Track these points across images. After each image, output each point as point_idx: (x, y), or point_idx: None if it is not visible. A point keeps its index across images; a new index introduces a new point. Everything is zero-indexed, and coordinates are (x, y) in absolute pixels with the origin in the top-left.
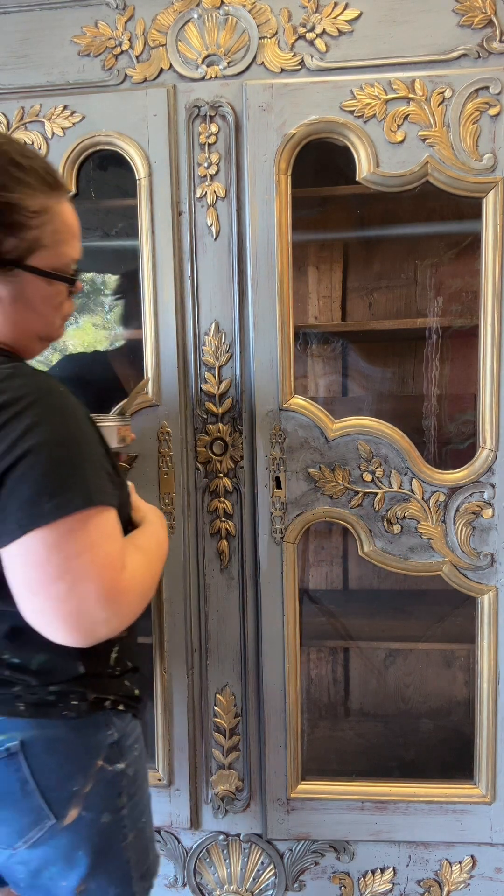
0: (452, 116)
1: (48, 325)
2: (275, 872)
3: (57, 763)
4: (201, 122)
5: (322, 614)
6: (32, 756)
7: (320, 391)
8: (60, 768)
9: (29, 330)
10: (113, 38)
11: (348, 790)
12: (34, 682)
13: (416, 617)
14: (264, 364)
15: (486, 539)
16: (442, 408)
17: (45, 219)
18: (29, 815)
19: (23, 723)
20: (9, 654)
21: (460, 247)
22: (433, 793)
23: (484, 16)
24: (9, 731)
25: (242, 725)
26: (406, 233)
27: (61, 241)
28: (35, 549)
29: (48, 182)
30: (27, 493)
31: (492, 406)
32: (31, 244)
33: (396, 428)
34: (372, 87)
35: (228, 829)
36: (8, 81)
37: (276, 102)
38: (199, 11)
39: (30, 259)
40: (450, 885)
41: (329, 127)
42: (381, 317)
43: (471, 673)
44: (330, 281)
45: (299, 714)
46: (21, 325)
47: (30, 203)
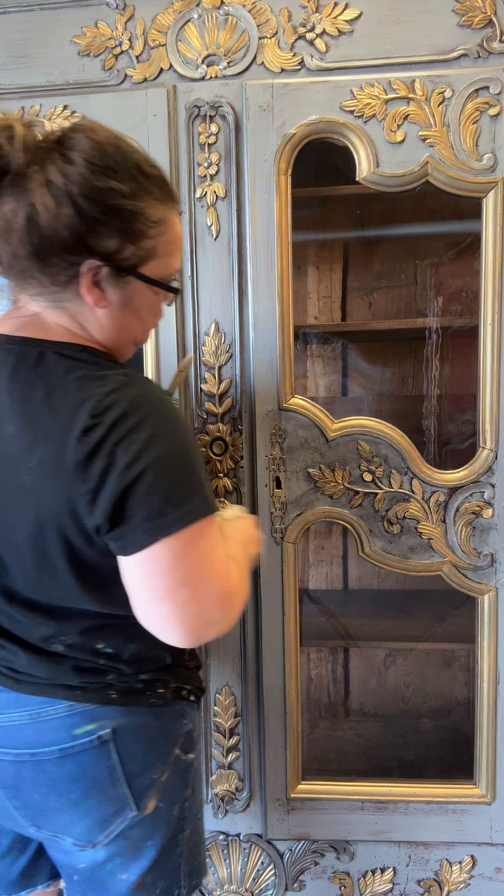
0: (452, 116)
1: (145, 332)
2: (275, 872)
3: (142, 750)
4: (201, 122)
5: (322, 614)
6: (121, 743)
7: (320, 391)
8: (144, 756)
9: (129, 335)
10: (113, 38)
11: (348, 790)
12: (128, 670)
13: (416, 617)
14: (264, 364)
15: (486, 539)
16: (442, 408)
17: (162, 229)
18: (114, 804)
19: (113, 710)
20: (102, 644)
21: (460, 247)
22: (433, 793)
23: (484, 16)
24: (101, 719)
25: (242, 725)
26: (406, 233)
27: (170, 252)
28: (163, 558)
29: (167, 193)
30: (154, 504)
31: (492, 406)
32: (148, 253)
33: (396, 428)
34: (372, 87)
35: (228, 829)
36: (8, 81)
37: (276, 102)
38: (199, 11)
39: (143, 267)
40: (450, 885)
41: (329, 127)
42: (381, 317)
43: (471, 673)
44: (330, 281)
45: (299, 714)
46: (124, 330)
47: (151, 213)
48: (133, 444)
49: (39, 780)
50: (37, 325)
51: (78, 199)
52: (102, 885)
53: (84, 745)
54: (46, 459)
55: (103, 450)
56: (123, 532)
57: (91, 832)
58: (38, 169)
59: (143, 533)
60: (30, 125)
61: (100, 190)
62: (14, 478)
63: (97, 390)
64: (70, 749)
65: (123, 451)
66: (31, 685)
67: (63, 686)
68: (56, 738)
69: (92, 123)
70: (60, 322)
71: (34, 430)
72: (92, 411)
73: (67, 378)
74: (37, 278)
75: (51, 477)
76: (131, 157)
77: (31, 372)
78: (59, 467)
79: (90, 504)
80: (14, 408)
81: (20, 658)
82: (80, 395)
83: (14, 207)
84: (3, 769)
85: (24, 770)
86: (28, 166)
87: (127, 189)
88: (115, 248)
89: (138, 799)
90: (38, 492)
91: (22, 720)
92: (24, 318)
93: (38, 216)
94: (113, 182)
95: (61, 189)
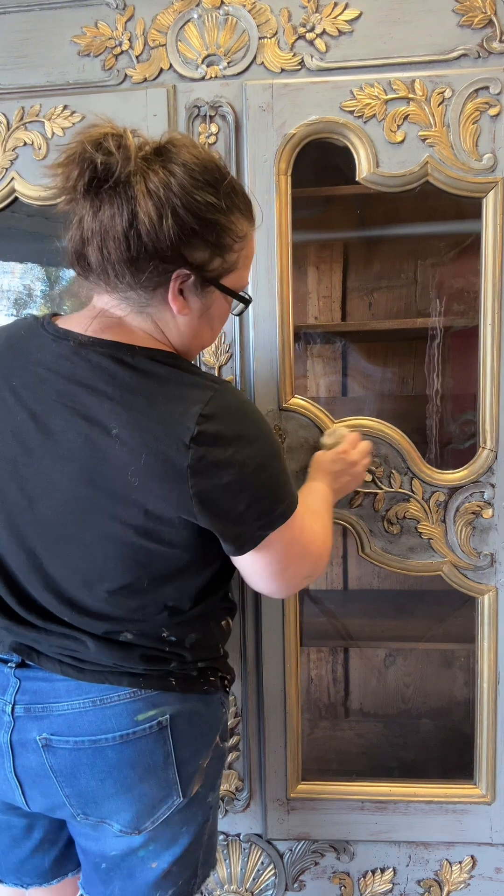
0: (452, 116)
1: (213, 337)
2: (275, 872)
3: (193, 737)
4: (201, 122)
5: (322, 614)
6: (175, 729)
7: (320, 391)
8: (195, 742)
9: (201, 341)
10: (113, 38)
11: (348, 790)
12: (189, 657)
13: (416, 617)
14: (264, 364)
15: (486, 539)
16: (442, 408)
17: (244, 244)
18: (164, 789)
19: (172, 697)
20: (167, 633)
21: (460, 247)
22: (433, 793)
23: (484, 16)
24: (162, 705)
25: (242, 725)
26: (406, 233)
27: (247, 266)
28: (276, 547)
29: (251, 209)
30: (265, 505)
31: (492, 406)
32: (230, 266)
33: (396, 428)
34: (372, 88)
35: (228, 829)
36: (8, 81)
37: (276, 102)
38: (199, 11)
39: (224, 279)
40: (450, 885)
41: (329, 127)
42: (382, 317)
43: (471, 673)
44: (330, 281)
45: (299, 714)
46: (198, 336)
47: (238, 227)
48: (240, 451)
49: (98, 766)
50: (122, 328)
51: (179, 211)
52: (130, 873)
53: (144, 731)
54: (155, 463)
55: (212, 456)
56: (239, 533)
57: (139, 818)
58: (141, 178)
59: (258, 531)
60: (134, 134)
61: (199, 203)
62: (119, 477)
63: (197, 397)
64: (131, 735)
65: (231, 458)
66: (95, 673)
67: (128, 673)
68: (118, 724)
69: (187, 139)
70: (143, 327)
71: (142, 434)
72: (198, 419)
73: (166, 385)
74: (127, 283)
75: (159, 479)
76: (226, 174)
77: (128, 377)
78: (169, 471)
79: (200, 506)
80: (117, 411)
81: (88, 646)
82: (184, 403)
83: (113, 213)
84: (62, 757)
85: (84, 757)
86: (131, 175)
87: (223, 204)
88: (204, 259)
89: (185, 785)
90: (146, 492)
91: (85, 707)
92: (108, 320)
93: (140, 224)
94: (211, 197)
95: (163, 200)
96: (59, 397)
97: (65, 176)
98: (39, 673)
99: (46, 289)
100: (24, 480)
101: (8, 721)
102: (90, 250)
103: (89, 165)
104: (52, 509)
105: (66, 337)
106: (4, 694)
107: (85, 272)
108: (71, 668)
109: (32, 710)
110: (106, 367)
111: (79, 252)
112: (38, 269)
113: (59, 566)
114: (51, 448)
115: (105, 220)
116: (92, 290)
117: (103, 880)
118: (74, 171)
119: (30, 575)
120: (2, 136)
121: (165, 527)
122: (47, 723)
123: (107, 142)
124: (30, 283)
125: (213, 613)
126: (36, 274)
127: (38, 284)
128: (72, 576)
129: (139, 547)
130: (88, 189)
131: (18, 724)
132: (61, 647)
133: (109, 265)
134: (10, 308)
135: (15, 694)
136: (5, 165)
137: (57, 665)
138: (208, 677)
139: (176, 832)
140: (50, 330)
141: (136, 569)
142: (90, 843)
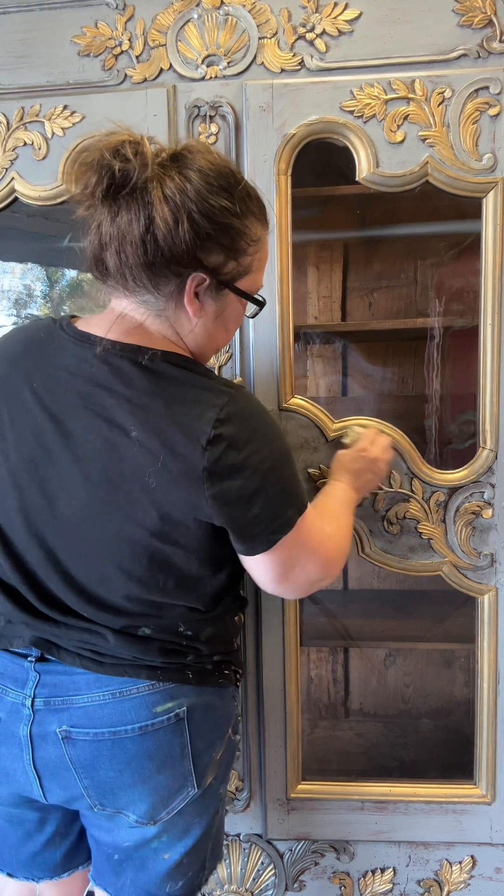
0: (452, 116)
1: (227, 340)
2: (275, 872)
3: (208, 729)
4: (201, 122)
5: (322, 614)
6: (192, 721)
7: (320, 391)
8: (210, 734)
9: (216, 343)
10: (113, 38)
11: (348, 790)
12: (205, 650)
13: (416, 617)
14: (264, 364)
15: (486, 539)
16: (442, 408)
17: (258, 247)
18: (179, 779)
19: (189, 689)
20: (184, 627)
21: (460, 247)
22: (433, 793)
23: (484, 16)
24: (179, 697)
25: (242, 725)
26: (406, 233)
27: (260, 269)
28: (285, 549)
29: (264, 214)
30: (277, 508)
31: (492, 406)
32: (244, 269)
33: (396, 428)
34: (372, 88)
35: (228, 829)
36: (8, 81)
37: (276, 102)
38: (199, 11)
39: (238, 282)
40: (450, 885)
41: (329, 127)
42: (382, 317)
43: (471, 673)
44: (330, 281)
45: (299, 714)
46: (213, 338)
47: (252, 231)
48: (254, 454)
49: (117, 757)
50: (142, 333)
51: (195, 215)
52: (142, 864)
53: (162, 723)
54: (172, 465)
55: (228, 459)
56: (252, 535)
57: (155, 809)
58: (157, 184)
59: (271, 534)
60: (151, 141)
61: (214, 208)
62: (137, 478)
63: (213, 401)
64: (150, 726)
65: (246, 461)
66: (114, 666)
67: (146, 666)
68: (137, 716)
69: (203, 145)
70: (161, 331)
71: (160, 436)
72: (214, 423)
73: (183, 388)
74: (144, 287)
75: (176, 481)
76: (241, 179)
77: (146, 380)
78: (186, 473)
79: (215, 507)
80: (136, 413)
81: (107, 640)
82: (200, 406)
83: (131, 219)
84: (81, 749)
85: (103, 749)
86: (148, 181)
87: (237, 209)
88: (219, 262)
89: (199, 776)
90: (163, 494)
91: (104, 699)
92: (127, 323)
93: (157, 229)
94: (226, 201)
95: (179, 205)
96: (80, 399)
97: (83, 183)
98: (59, 667)
99: (46, 289)
100: (44, 481)
101: (28, 714)
102: (108, 255)
103: (107, 172)
104: (72, 509)
105: (87, 340)
106: (24, 687)
107: (103, 276)
108: (91, 661)
109: (52, 702)
110: (125, 371)
111: (97, 257)
112: (38, 269)
113: (79, 565)
114: (71, 449)
115: (123, 225)
116: (110, 294)
117: (115, 871)
118: (93, 178)
119: (49, 572)
120: (2, 136)
121: (180, 529)
122: (67, 715)
123: (124, 149)
124: (30, 283)
125: (227, 609)
126: (36, 274)
127: (38, 284)
128: (90, 574)
129: (155, 549)
130: (107, 195)
131: (38, 716)
132: (81, 641)
133: (127, 269)
134: (10, 308)
135: (35, 687)
136: (5, 165)
137: (77, 659)
138: (223, 670)
139: (189, 823)
140: (70, 332)
141: (153, 569)
142: (104, 835)
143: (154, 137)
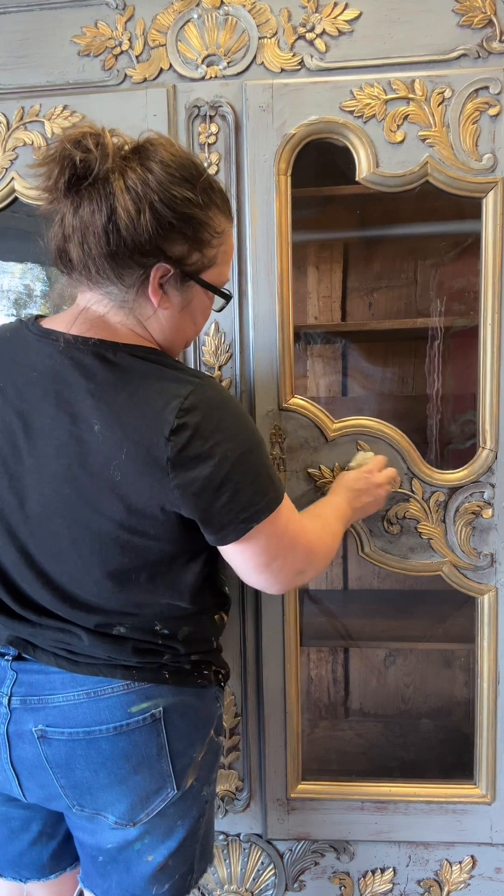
0: (452, 116)
1: (196, 332)
2: (275, 872)
3: (186, 730)
4: (201, 122)
5: (322, 614)
6: (169, 722)
7: (320, 391)
8: (189, 735)
9: (184, 335)
10: (113, 38)
11: (348, 790)
12: (182, 650)
13: (416, 617)
14: (264, 364)
15: (485, 539)
16: (442, 408)
17: (222, 239)
18: (158, 780)
19: (166, 689)
20: (160, 626)
21: (460, 247)
22: (433, 793)
23: (484, 16)
24: (155, 697)
25: (242, 725)
26: (406, 233)
27: (226, 262)
28: (260, 540)
29: (228, 206)
30: (246, 497)
31: (492, 406)
32: (209, 261)
33: (396, 428)
34: (372, 88)
35: (228, 829)
36: (8, 81)
37: (275, 102)
38: (198, 11)
39: (203, 274)
40: (450, 885)
41: (329, 127)
42: (382, 317)
43: (471, 673)
44: (330, 281)
45: (299, 714)
46: (180, 330)
47: (216, 223)
48: (221, 444)
49: (92, 758)
50: (104, 326)
51: (157, 206)
52: (127, 866)
53: (138, 723)
54: (136, 457)
55: (192, 448)
56: (222, 524)
57: (133, 810)
58: (119, 175)
59: (241, 524)
60: (113, 133)
61: (177, 198)
62: (102, 472)
63: (177, 391)
64: (125, 727)
65: (211, 450)
66: (89, 665)
67: (121, 666)
68: (112, 716)
69: (165, 139)
70: (125, 323)
71: (123, 429)
72: (177, 413)
73: (147, 380)
74: (108, 278)
75: (141, 473)
76: (203, 171)
77: (110, 373)
78: (151, 464)
79: (182, 498)
80: (99, 407)
81: (81, 639)
82: (164, 397)
83: (93, 209)
84: (56, 748)
85: (78, 748)
86: (109, 172)
87: (199, 200)
88: (183, 253)
89: (179, 777)
90: (128, 486)
91: (79, 699)
92: (91, 317)
93: (119, 219)
94: (188, 192)
95: (141, 195)
96: (45, 396)
97: (46, 175)
98: (35, 666)
99: (46, 289)
100: (13, 479)
101: (4, 713)
102: (71, 247)
103: (69, 163)
104: (41, 506)
105: (50, 336)
106: (2, 686)
107: (67, 269)
108: (66, 660)
109: (28, 701)
110: (88, 365)
111: (61, 249)
112: (38, 269)
113: (51, 562)
114: (38, 446)
115: (85, 216)
116: (75, 287)
117: (101, 874)
118: (55, 170)
119: (24, 571)
120: (2, 136)
121: (148, 521)
122: (43, 714)
123: (85, 140)
124: (30, 283)
125: (206, 607)
126: (36, 274)
127: (38, 284)
128: (63, 571)
129: (124, 541)
130: (69, 187)
131: (15, 715)
132: (56, 640)
133: (90, 260)
134: (10, 308)
135: (12, 686)
136: (5, 165)
137: (52, 658)
138: (202, 671)
139: (171, 825)
140: (34, 330)
141: (123, 563)
142: (87, 836)
143: (116, 130)
